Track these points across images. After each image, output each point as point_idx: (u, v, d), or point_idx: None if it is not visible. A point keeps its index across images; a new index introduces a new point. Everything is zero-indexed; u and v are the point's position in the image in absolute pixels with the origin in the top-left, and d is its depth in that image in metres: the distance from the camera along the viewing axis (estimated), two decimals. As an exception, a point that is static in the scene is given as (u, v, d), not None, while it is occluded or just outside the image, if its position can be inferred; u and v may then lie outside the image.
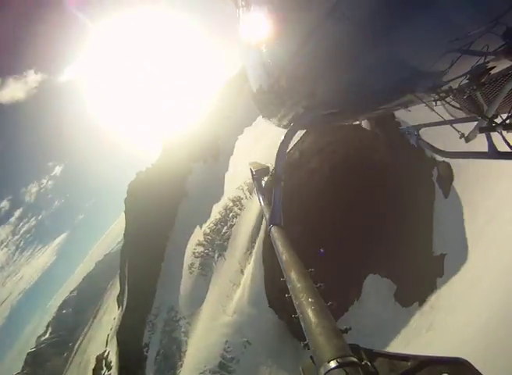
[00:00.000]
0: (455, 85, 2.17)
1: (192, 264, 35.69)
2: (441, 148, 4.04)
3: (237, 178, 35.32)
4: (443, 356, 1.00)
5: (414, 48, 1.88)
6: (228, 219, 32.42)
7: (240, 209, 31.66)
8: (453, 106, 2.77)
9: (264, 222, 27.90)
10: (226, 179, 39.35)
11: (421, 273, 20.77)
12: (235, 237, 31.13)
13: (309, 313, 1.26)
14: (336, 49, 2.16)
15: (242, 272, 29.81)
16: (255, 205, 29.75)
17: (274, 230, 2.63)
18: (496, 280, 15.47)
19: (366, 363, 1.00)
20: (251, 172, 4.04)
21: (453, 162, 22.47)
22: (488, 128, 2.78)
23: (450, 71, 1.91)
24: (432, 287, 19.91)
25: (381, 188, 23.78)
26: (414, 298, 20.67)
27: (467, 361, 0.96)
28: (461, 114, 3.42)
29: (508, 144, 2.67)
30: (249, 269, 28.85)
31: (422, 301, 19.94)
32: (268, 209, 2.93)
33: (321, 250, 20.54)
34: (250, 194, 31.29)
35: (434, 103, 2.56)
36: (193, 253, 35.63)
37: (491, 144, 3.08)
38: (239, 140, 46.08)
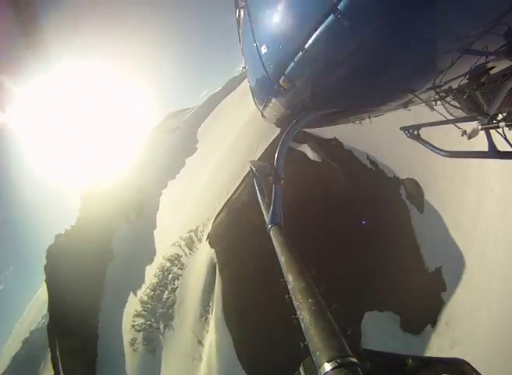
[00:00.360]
0: (455, 85, 2.25)
1: (134, 339, 28.36)
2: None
3: (169, 234, 29.46)
4: (443, 357, 1.00)
5: (414, 48, 1.85)
6: (168, 282, 26.24)
7: (180, 269, 25.67)
8: (453, 106, 2.94)
9: (218, 279, 23.63)
10: (156, 237, 33.26)
11: (422, 294, 18.88)
12: (181, 302, 25.17)
13: (309, 314, 1.23)
14: (336, 48, 2.06)
15: (200, 343, 24.05)
16: (199, 262, 24.46)
17: (274, 229, 2.48)
18: (506, 279, 15.02)
19: (366, 363, 0.99)
20: (252, 170, 3.88)
21: (417, 176, 21.88)
22: (489, 125, 2.76)
23: (450, 71, 1.93)
24: (439, 304, 18.33)
25: (351, 218, 21.40)
26: (424, 322, 18.70)
27: (466, 361, 0.98)
28: (461, 113, 3.45)
29: (509, 142, 2.68)
30: (210, 337, 23.33)
31: (434, 321, 18.16)
32: (268, 209, 2.76)
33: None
34: (190, 249, 25.73)
35: (434, 103, 2.71)
36: (133, 326, 28.42)
37: (491, 144, 3.05)
38: (163, 194, 41.29)
